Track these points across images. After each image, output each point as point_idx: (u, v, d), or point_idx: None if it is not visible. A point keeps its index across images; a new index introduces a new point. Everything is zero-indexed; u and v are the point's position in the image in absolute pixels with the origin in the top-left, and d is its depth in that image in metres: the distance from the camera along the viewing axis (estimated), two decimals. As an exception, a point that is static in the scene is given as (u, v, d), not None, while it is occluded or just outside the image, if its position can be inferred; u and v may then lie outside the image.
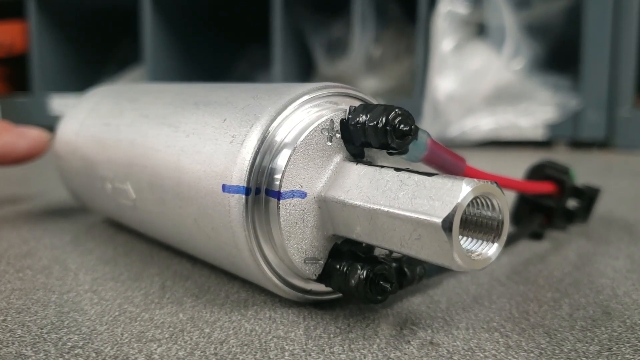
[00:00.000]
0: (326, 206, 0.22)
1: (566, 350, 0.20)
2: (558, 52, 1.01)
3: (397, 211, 0.20)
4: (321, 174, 0.22)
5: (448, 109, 0.96)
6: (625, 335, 0.21)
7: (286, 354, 0.20)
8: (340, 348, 0.20)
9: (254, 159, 0.22)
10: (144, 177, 0.27)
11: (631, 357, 0.20)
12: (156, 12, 1.17)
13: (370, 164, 0.22)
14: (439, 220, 0.18)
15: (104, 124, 0.32)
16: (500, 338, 0.21)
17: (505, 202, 0.20)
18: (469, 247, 0.20)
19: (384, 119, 0.21)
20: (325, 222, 0.22)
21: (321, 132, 0.22)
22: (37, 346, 0.20)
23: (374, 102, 0.24)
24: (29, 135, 0.40)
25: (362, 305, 0.24)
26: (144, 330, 0.22)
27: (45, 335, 0.21)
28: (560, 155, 0.87)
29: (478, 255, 0.20)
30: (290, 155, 0.21)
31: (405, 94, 1.14)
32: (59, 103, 1.24)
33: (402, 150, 0.22)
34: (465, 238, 0.20)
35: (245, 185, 0.21)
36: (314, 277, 0.23)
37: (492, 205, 0.20)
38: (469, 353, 0.20)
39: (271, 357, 0.20)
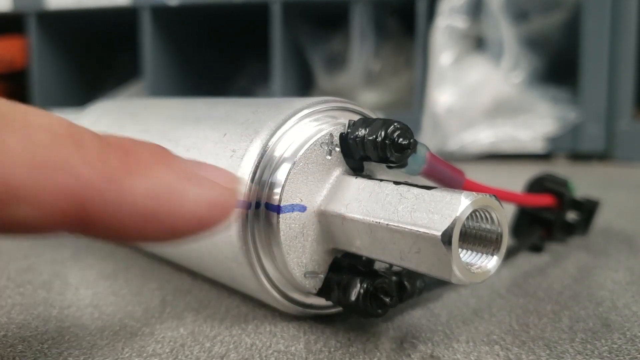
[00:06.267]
0: (326, 220, 0.22)
1: (566, 363, 0.20)
2: (557, 65, 1.02)
3: (396, 225, 0.20)
4: (321, 188, 0.22)
5: (447, 122, 0.97)
6: (625, 348, 0.21)
7: (287, 368, 0.20)
8: (341, 362, 0.20)
9: (254, 173, 0.22)
10: (145, 191, 0.27)
11: (632, 369, 0.20)
12: (156, 27, 1.18)
13: (369, 177, 0.23)
14: (438, 234, 0.19)
15: (105, 139, 0.32)
16: (500, 351, 0.21)
17: (504, 215, 0.20)
18: (468, 260, 0.20)
19: (383, 133, 0.21)
20: (325, 235, 0.22)
21: (320, 146, 0.22)
22: (38, 361, 0.20)
23: (373, 116, 0.24)
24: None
25: (363, 319, 0.24)
26: (145, 345, 0.22)
27: (46, 351, 0.21)
28: (560, 168, 0.87)
29: (477, 268, 0.20)
30: (290, 170, 0.22)
31: (404, 107, 1.14)
32: (59, 118, 1.24)
33: (401, 164, 0.22)
34: (464, 251, 0.21)
35: (245, 199, 0.22)
36: (314, 291, 0.23)
37: (491, 218, 0.20)
38: (470, 366, 0.20)
39: (272, 371, 0.20)
